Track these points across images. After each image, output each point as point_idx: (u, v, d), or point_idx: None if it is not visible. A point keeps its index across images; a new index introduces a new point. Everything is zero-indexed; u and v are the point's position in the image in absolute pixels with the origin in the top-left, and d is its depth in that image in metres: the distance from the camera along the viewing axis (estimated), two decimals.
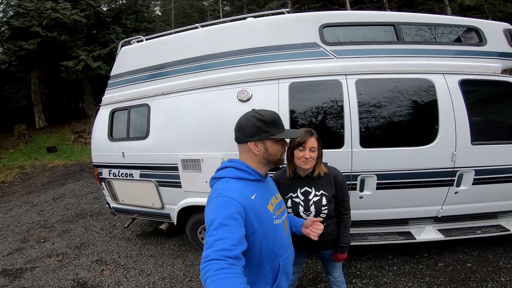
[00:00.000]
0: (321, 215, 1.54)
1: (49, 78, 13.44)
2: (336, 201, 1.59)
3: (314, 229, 1.31)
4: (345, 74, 2.29)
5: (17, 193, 6.93)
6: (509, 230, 2.48)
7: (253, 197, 1.06)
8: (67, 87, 14.96)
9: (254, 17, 2.58)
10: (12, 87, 12.70)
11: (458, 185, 2.33)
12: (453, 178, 2.30)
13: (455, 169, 2.28)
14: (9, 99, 12.72)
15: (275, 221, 1.13)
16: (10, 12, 12.25)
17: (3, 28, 12.53)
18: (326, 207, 1.54)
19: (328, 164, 1.64)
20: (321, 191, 1.54)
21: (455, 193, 2.35)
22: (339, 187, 1.57)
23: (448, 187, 2.33)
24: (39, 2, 11.36)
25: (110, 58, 11.82)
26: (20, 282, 2.89)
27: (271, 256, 1.11)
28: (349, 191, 1.64)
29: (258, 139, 1.09)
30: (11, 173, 8.62)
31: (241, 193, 1.03)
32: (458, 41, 2.44)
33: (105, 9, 14.42)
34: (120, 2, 15.23)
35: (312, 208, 1.53)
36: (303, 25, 2.38)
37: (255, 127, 1.08)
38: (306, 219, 1.52)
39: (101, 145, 3.03)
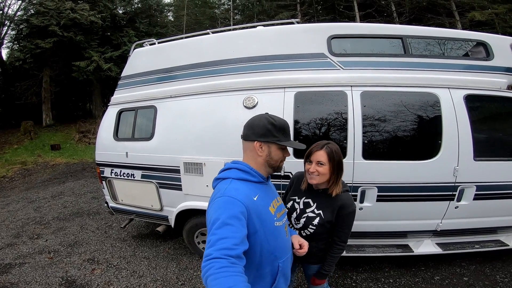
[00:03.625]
0: (305, 231, 1.48)
1: (60, 77, 13.76)
2: (334, 228, 1.47)
3: (297, 251, 1.32)
4: (351, 86, 2.32)
5: (16, 188, 6.96)
6: (508, 245, 2.47)
7: (255, 198, 1.08)
8: (77, 87, 15.27)
9: (264, 26, 2.65)
10: (24, 84, 13.00)
11: (459, 200, 2.31)
12: (454, 193, 2.28)
13: (456, 184, 2.26)
14: (19, 95, 12.99)
15: (276, 223, 1.14)
16: (31, 10, 12.67)
17: (21, 26, 12.95)
18: (314, 228, 1.45)
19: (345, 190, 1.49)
20: (320, 212, 1.45)
21: (455, 207, 2.33)
22: (341, 219, 1.43)
23: (448, 201, 2.31)
24: (60, 2, 11.78)
25: (121, 61, 12.10)
26: (7, 277, 2.85)
27: (271, 258, 1.11)
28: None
29: (264, 141, 1.12)
30: (12, 168, 8.68)
31: (244, 193, 1.04)
32: (465, 55, 2.46)
33: (120, 12, 14.88)
34: (135, 6, 15.75)
35: (302, 221, 1.49)
36: (312, 36, 2.43)
37: (265, 129, 1.11)
38: (293, 227, 1.53)
39: (106, 144, 3.06)
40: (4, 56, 14.97)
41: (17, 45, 14.20)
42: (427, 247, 2.46)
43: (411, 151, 2.30)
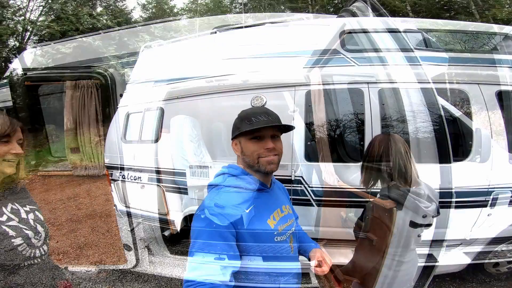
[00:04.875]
0: None
1: (80, 81, 14.33)
2: None
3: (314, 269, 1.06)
4: (367, 83, 2.14)
5: (35, 190, 7.20)
6: None
7: (247, 211, 0.93)
8: (96, 91, 15.81)
9: (273, 23, 2.54)
10: (47, 88, 13.61)
11: (492, 206, 2.05)
12: (487, 198, 2.03)
13: (490, 189, 2.01)
14: (42, 100, 13.59)
15: (276, 238, 0.98)
16: (52, 16, 13.40)
17: (44, 31, 13.67)
18: None
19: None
20: None
21: (488, 215, 2.07)
22: None
23: (480, 208, 2.06)
24: (78, 8, 12.38)
25: None
26: (14, 278, 2.85)
27: (270, 277, 0.97)
28: None
29: (233, 137, 1.05)
30: (33, 171, 9.05)
31: (233, 206, 0.92)
32: (493, 49, 2.24)
33: (136, 16, 15.48)
34: (150, 11, 16.29)
35: None
36: (324, 31, 2.28)
37: (233, 125, 1.05)
38: None
39: (114, 146, 3.05)
40: (27, 62, 15.76)
41: (40, 50, 14.94)
42: (454, 256, 2.21)
43: (437, 153, 2.07)
